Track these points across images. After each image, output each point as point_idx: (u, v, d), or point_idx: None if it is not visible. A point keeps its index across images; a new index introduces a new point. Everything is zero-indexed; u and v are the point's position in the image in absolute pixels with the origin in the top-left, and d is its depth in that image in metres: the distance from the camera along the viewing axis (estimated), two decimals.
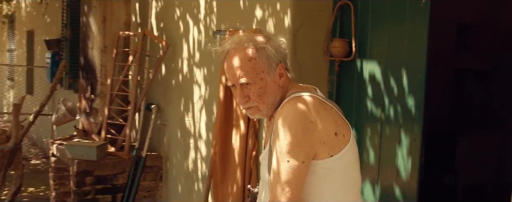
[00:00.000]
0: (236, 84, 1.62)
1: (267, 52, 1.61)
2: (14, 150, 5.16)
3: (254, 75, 1.60)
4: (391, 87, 2.59)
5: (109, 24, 4.28)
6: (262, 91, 1.62)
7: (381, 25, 2.65)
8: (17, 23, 11.19)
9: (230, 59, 1.62)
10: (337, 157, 1.56)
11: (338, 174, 1.59)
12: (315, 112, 1.55)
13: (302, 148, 1.51)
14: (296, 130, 1.51)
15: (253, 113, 1.69)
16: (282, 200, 1.50)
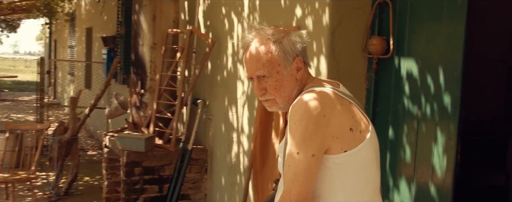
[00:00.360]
0: (253, 77, 1.66)
1: (284, 46, 1.64)
2: (71, 140, 5.47)
3: (270, 69, 1.63)
4: (427, 85, 2.59)
5: (159, 22, 4.46)
6: (279, 84, 1.65)
7: (419, 23, 2.66)
8: (78, 21, 11.73)
9: (248, 52, 1.67)
10: (352, 153, 1.56)
11: (352, 170, 1.59)
12: (329, 106, 1.55)
13: (313, 141, 1.52)
14: (307, 123, 1.52)
15: (270, 106, 1.71)
16: (292, 192, 1.52)
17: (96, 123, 8.64)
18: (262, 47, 1.64)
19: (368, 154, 1.61)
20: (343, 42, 2.88)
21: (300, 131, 1.53)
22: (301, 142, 1.52)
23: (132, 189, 4.13)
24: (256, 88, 1.66)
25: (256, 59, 1.64)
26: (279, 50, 1.63)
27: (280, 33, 1.68)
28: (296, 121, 1.54)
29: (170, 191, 4.15)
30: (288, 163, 1.55)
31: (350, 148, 1.55)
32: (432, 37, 2.58)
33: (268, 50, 1.63)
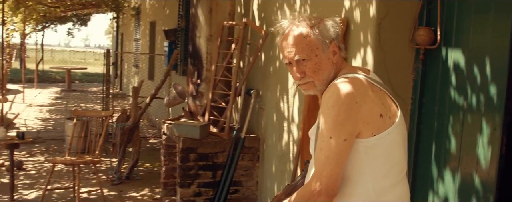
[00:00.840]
0: (292, 61, 1.73)
1: (320, 30, 1.72)
2: (133, 128, 5.77)
3: (309, 52, 1.70)
4: (474, 76, 2.59)
5: (215, 14, 4.62)
6: (317, 67, 1.72)
7: (467, 14, 2.65)
8: (142, 15, 12.20)
9: (286, 38, 1.74)
10: (380, 137, 1.64)
11: (380, 153, 1.66)
12: (361, 93, 1.62)
13: (345, 126, 1.60)
14: (339, 109, 1.60)
15: (307, 89, 1.78)
16: (323, 174, 1.61)
17: (158, 112, 9.00)
18: (301, 32, 1.72)
19: (395, 138, 1.68)
20: (390, 33, 2.91)
21: (332, 117, 1.60)
22: (333, 127, 1.60)
23: (187, 174, 4.34)
24: (295, 72, 1.73)
25: (296, 43, 1.71)
26: (317, 34, 1.71)
27: (315, 19, 1.76)
28: (329, 106, 1.62)
29: (223, 177, 4.32)
30: (320, 146, 1.64)
31: (379, 132, 1.64)
32: (479, 29, 2.57)
33: (307, 34, 1.71)
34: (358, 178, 1.68)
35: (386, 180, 1.71)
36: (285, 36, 1.76)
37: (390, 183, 1.72)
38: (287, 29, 1.77)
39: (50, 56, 33.99)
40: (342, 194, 1.67)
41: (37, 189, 5.27)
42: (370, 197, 1.69)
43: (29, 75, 17.87)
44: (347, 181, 1.67)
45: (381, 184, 1.70)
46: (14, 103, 11.59)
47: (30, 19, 13.02)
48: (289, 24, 1.78)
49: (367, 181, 1.68)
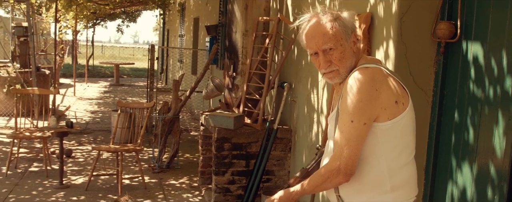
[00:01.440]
0: (319, 51, 1.86)
1: (343, 22, 1.88)
2: (173, 119, 6.05)
3: (335, 42, 1.84)
4: (491, 68, 2.66)
5: (250, 11, 4.81)
6: (342, 56, 1.87)
7: (486, 9, 2.72)
8: (187, 12, 12.54)
9: (312, 30, 1.87)
10: (395, 121, 1.82)
11: (394, 136, 1.84)
12: (380, 82, 1.80)
13: (365, 111, 1.77)
14: (361, 96, 1.76)
15: (332, 77, 1.92)
16: (344, 154, 1.78)
17: (200, 106, 9.29)
18: (327, 24, 1.86)
19: (407, 122, 1.87)
20: (412, 27, 3.01)
21: (355, 102, 1.77)
22: (355, 112, 1.77)
23: (222, 163, 4.56)
24: (323, 61, 1.88)
25: (323, 34, 1.85)
26: (341, 25, 1.86)
27: (335, 12, 1.91)
28: (353, 93, 1.78)
29: (256, 166, 4.51)
30: (341, 129, 1.81)
31: (394, 117, 1.81)
32: (497, 23, 2.64)
33: (333, 25, 1.85)
34: (373, 159, 1.85)
35: (398, 161, 1.89)
36: (310, 28, 1.88)
37: (402, 164, 1.90)
38: (311, 22, 1.90)
39: (100, 52, 35.18)
40: (358, 174, 1.85)
41: (84, 175, 5.62)
42: (384, 176, 1.86)
43: (80, 70, 18.65)
44: (363, 161, 1.84)
45: (394, 164, 1.87)
46: (66, 96, 12.19)
47: (81, 16, 13.62)
48: (312, 17, 1.91)
49: (381, 161, 1.85)
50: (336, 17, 1.88)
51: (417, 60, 3.05)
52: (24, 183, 5.32)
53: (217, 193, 4.59)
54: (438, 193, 3.09)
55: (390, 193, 1.88)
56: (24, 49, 9.50)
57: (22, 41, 9.54)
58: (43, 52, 12.21)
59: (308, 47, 1.92)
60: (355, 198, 1.92)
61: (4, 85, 8.77)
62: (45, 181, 5.42)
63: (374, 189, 1.88)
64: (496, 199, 2.61)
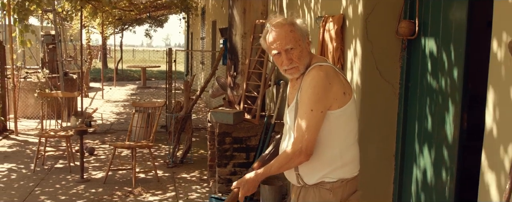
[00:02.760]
0: (282, 51, 2.18)
1: (300, 26, 2.23)
2: (186, 117, 6.46)
3: (295, 42, 2.18)
4: (443, 61, 2.95)
5: (248, 14, 5.18)
6: (301, 54, 2.21)
7: (438, 8, 3.02)
8: (206, 15, 12.99)
9: (275, 34, 2.19)
10: (343, 109, 2.19)
11: (343, 121, 2.21)
12: (332, 77, 2.18)
13: (322, 102, 2.13)
14: (319, 89, 2.12)
15: (293, 73, 2.24)
16: (305, 138, 2.12)
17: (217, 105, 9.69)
18: (287, 27, 2.19)
19: (352, 109, 2.25)
20: (376, 26, 3.31)
21: (314, 94, 2.12)
22: (314, 102, 2.12)
23: (224, 156, 4.93)
24: (285, 59, 2.20)
25: (285, 36, 2.18)
26: (298, 29, 2.22)
27: (290, 18, 2.24)
28: (311, 87, 2.13)
29: (256, 158, 4.87)
30: (302, 117, 2.14)
31: (343, 105, 2.18)
32: (446, 21, 2.93)
33: (293, 28, 2.20)
34: (328, 141, 2.21)
35: (346, 142, 2.27)
36: (274, 32, 2.21)
37: (349, 144, 2.29)
38: (274, 26, 2.22)
39: (131, 56, 36.12)
40: (315, 154, 2.20)
41: (104, 171, 6.09)
42: (336, 155, 2.24)
43: (110, 74, 19.37)
44: (319, 144, 2.21)
45: (344, 145, 2.26)
46: (94, 99, 12.81)
47: (107, 22, 14.24)
48: (273, 24, 2.24)
49: (334, 143, 2.23)
50: (293, 22, 2.23)
51: (383, 56, 3.35)
52: (49, 178, 5.83)
53: (220, 184, 4.97)
54: (405, 177, 3.39)
55: (340, 169, 2.25)
56: (53, 56, 10.12)
57: (51, 48, 10.16)
58: (71, 58, 12.86)
59: (272, 48, 2.24)
60: (313, 174, 2.26)
61: (35, 90, 9.38)
62: (68, 176, 5.91)
63: (328, 166, 2.24)
64: (448, 179, 2.91)
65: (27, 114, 9.77)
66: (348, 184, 2.27)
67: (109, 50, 24.48)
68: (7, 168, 6.22)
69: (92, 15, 12.39)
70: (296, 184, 2.36)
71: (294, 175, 2.33)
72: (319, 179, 2.26)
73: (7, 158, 6.77)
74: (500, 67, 1.97)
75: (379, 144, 3.45)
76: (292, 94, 2.35)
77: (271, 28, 2.24)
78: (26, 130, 8.76)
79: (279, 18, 2.25)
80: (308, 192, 2.30)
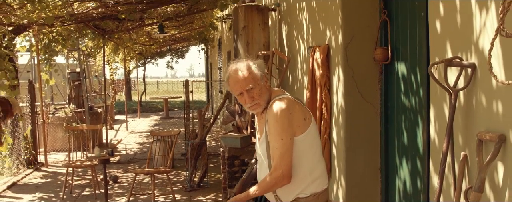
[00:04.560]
0: (244, 91, 2.44)
1: (256, 67, 2.49)
2: (201, 144, 6.91)
3: (254, 82, 2.44)
4: (412, 82, 3.34)
5: (251, 46, 5.65)
6: (261, 91, 2.46)
7: (405, 35, 3.42)
8: (222, 46, 13.58)
9: (235, 77, 2.45)
10: (306, 133, 2.44)
11: (308, 143, 2.47)
12: (292, 107, 2.42)
13: (288, 130, 2.37)
14: (282, 120, 2.37)
15: (255, 108, 2.50)
16: (282, 164, 2.36)
17: None
18: (245, 70, 2.46)
19: (314, 132, 2.55)
20: (355, 54, 3.73)
21: (280, 125, 2.37)
22: (282, 131, 2.36)
23: (233, 177, 5.34)
24: (247, 97, 2.46)
25: (244, 78, 2.44)
26: (255, 69, 2.48)
27: (248, 61, 2.54)
28: (277, 119, 2.38)
29: None
30: (275, 147, 2.38)
31: (305, 130, 2.44)
32: (413, 47, 3.33)
33: (251, 70, 2.46)
34: (298, 162, 2.45)
35: (313, 160, 2.56)
36: (234, 76, 2.46)
37: (316, 162, 2.57)
38: (233, 71, 2.48)
39: (155, 88, 37.03)
40: None
41: (127, 196, 6.55)
42: (306, 173, 2.53)
43: (134, 107, 20.07)
44: (293, 165, 2.46)
45: (311, 163, 2.55)
46: (119, 131, 13.41)
47: (129, 58, 14.95)
48: (233, 68, 2.49)
49: (303, 163, 2.48)
50: (250, 65, 2.49)
51: (363, 80, 3.76)
52: None
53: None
54: (390, 188, 3.74)
55: (311, 184, 2.52)
56: (78, 91, 10.77)
57: (76, 85, 10.82)
58: (96, 93, 13.54)
59: (234, 90, 2.49)
60: (289, 193, 2.51)
61: (63, 124, 9.99)
62: None
63: (301, 184, 2.48)
64: (422, 188, 3.25)
65: (56, 147, 10.36)
66: (319, 196, 2.54)
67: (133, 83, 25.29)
68: (38, 197, 6.74)
69: (114, 52, 13.09)
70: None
71: (273, 197, 2.58)
72: (294, 196, 2.51)
73: (38, 188, 7.30)
74: (436, 86, 2.36)
75: (365, 159, 3.82)
76: (260, 127, 2.61)
77: (230, 72, 2.50)
78: (55, 162, 9.33)
79: (237, 63, 2.51)
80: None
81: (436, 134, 2.46)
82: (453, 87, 2.16)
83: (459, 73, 2.14)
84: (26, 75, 11.57)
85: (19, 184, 7.55)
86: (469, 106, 2.10)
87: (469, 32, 2.05)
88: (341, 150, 3.87)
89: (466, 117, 2.13)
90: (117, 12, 7.50)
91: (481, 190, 1.94)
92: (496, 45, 1.85)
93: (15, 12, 6.42)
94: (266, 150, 2.49)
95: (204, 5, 8.40)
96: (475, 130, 2.04)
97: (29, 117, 8.83)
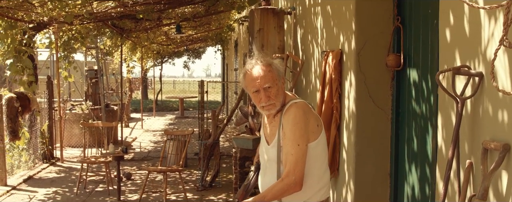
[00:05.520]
0: (260, 89, 2.36)
1: (277, 66, 2.45)
2: (214, 144, 6.97)
3: (272, 81, 2.37)
4: (423, 89, 3.36)
5: (266, 49, 5.70)
6: (278, 92, 2.39)
7: (418, 42, 3.45)
8: (239, 48, 13.67)
9: (254, 73, 2.38)
10: (318, 139, 2.40)
11: (319, 151, 2.43)
12: (309, 112, 2.38)
13: (305, 136, 2.31)
14: (301, 125, 2.31)
15: (270, 109, 2.42)
16: (296, 171, 2.28)
17: None
18: (267, 67, 2.40)
19: (324, 140, 2.51)
20: (368, 59, 3.76)
21: (298, 130, 2.30)
22: (300, 137, 2.29)
23: (244, 178, 5.37)
24: (264, 96, 2.37)
25: (265, 75, 2.37)
26: (276, 69, 2.43)
27: (269, 59, 2.48)
28: (295, 123, 2.31)
29: None
30: (291, 152, 2.30)
31: (318, 137, 2.41)
32: (425, 54, 3.35)
33: (270, 69, 2.40)
34: (308, 170, 2.36)
35: (321, 168, 2.51)
36: (253, 72, 2.39)
37: (323, 170, 2.54)
38: (253, 67, 2.41)
39: (172, 87, 37.29)
40: None
41: (139, 193, 6.65)
42: (315, 181, 2.46)
43: (150, 105, 20.26)
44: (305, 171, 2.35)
45: (320, 171, 2.50)
46: (134, 129, 13.55)
47: (146, 57, 15.11)
48: (253, 64, 2.43)
49: (313, 171, 2.42)
50: (270, 63, 2.43)
51: (375, 85, 3.78)
52: (90, 200, 6.42)
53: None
54: (399, 193, 3.76)
55: (317, 193, 2.47)
56: (95, 89, 10.93)
57: (94, 82, 10.98)
58: (112, 91, 13.71)
59: (251, 86, 2.40)
60: (296, 201, 2.43)
61: (79, 121, 10.15)
62: (107, 198, 6.49)
63: (309, 192, 2.43)
64: (430, 194, 3.27)
65: (71, 143, 10.53)
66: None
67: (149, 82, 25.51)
68: (53, 191, 6.86)
69: (132, 50, 13.25)
70: None
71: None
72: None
73: (53, 182, 7.44)
74: (444, 94, 2.39)
75: (375, 164, 3.84)
76: (271, 130, 2.50)
77: (250, 68, 2.42)
78: (70, 157, 9.48)
79: (256, 59, 2.45)
80: None
81: (443, 141, 2.48)
82: (460, 96, 2.18)
83: (466, 81, 2.17)
84: (45, 72, 11.78)
85: (34, 178, 7.70)
86: (475, 114, 2.13)
87: (478, 42, 2.08)
88: (351, 155, 3.90)
89: (472, 125, 2.16)
90: (135, 11, 7.62)
91: (484, 198, 1.96)
92: (504, 55, 1.88)
93: (36, 10, 6.56)
94: (276, 155, 2.42)
95: (222, 7, 8.48)
96: (481, 138, 2.07)
97: (46, 112, 8.99)
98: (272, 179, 2.43)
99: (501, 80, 1.92)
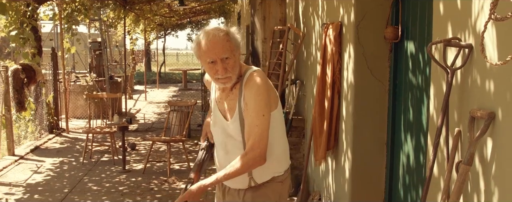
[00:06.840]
0: (217, 60, 2.17)
1: (234, 37, 2.26)
2: None
3: (230, 52, 2.19)
4: (419, 60, 3.44)
5: (268, 21, 5.76)
6: (235, 64, 2.22)
7: (415, 15, 3.51)
8: (242, 20, 13.66)
9: (212, 42, 2.16)
10: (278, 108, 2.35)
11: (279, 120, 2.39)
12: (268, 81, 2.30)
13: (268, 105, 2.22)
14: (264, 94, 2.20)
15: (226, 82, 2.25)
16: (261, 143, 2.16)
17: None
18: (223, 37, 2.19)
19: (281, 107, 2.43)
20: (367, 31, 3.82)
21: (262, 100, 2.19)
22: (264, 106, 2.19)
23: None
24: (221, 68, 2.19)
25: (222, 46, 2.18)
26: (233, 38, 2.25)
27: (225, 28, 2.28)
28: (259, 93, 2.19)
29: None
30: (255, 123, 2.16)
31: (277, 105, 2.35)
32: (422, 26, 3.42)
33: (229, 38, 2.21)
34: (273, 139, 2.28)
35: (283, 136, 2.47)
36: (210, 40, 2.18)
37: (284, 139, 2.48)
38: (209, 35, 2.19)
39: (175, 60, 37.29)
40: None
41: (144, 163, 6.82)
42: (280, 151, 2.43)
43: (153, 77, 20.36)
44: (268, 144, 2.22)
45: (282, 140, 2.46)
46: (138, 100, 13.69)
47: (149, 29, 15.13)
48: (209, 32, 2.21)
49: (278, 140, 2.37)
50: (228, 31, 2.24)
51: (373, 58, 3.86)
52: (96, 169, 6.59)
53: None
54: (394, 162, 3.89)
55: (284, 161, 2.47)
56: (99, 61, 11.02)
57: (97, 54, 11.07)
58: (116, 63, 13.80)
59: (207, 57, 2.20)
60: (265, 174, 2.37)
61: (83, 92, 10.29)
62: (112, 167, 6.66)
63: (277, 162, 2.40)
64: (424, 162, 3.39)
65: (76, 114, 10.69)
66: (288, 171, 2.50)
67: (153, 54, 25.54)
68: (59, 161, 7.05)
69: (135, 22, 13.27)
70: (243, 188, 2.40)
71: (247, 179, 2.37)
72: (270, 176, 2.39)
73: (60, 152, 7.62)
74: (437, 65, 2.47)
75: (373, 134, 3.96)
76: (229, 104, 2.34)
77: (207, 35, 2.20)
78: (76, 128, 9.65)
79: (214, 27, 2.25)
80: (259, 190, 2.39)
81: (434, 110, 2.58)
82: (450, 67, 2.27)
83: (457, 53, 2.25)
84: (49, 44, 11.85)
85: (41, 148, 7.88)
86: (464, 85, 2.22)
87: (468, 14, 2.16)
88: (349, 125, 4.01)
89: (461, 95, 2.25)
90: None
91: (470, 163, 2.07)
92: (492, 28, 1.96)
93: None
94: (240, 129, 2.28)
95: None
96: (469, 107, 2.17)
97: (51, 84, 9.11)
98: (233, 156, 2.26)
99: (489, 51, 2.01)
